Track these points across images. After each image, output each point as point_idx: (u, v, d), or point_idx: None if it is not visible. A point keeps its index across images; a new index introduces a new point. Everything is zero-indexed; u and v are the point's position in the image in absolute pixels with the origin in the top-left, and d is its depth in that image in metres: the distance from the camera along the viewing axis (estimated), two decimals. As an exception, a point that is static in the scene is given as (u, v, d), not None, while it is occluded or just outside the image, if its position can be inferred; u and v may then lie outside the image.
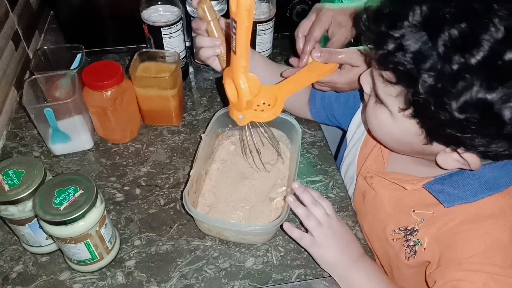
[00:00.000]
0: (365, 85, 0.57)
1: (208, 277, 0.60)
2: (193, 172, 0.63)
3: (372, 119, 0.56)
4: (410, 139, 0.52)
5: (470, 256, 0.51)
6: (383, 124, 0.54)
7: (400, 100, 0.48)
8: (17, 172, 0.55)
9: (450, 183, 0.55)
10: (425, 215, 0.58)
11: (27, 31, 0.91)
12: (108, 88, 0.69)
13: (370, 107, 0.56)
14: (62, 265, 0.61)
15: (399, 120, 0.51)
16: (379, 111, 0.54)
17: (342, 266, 0.58)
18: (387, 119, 0.53)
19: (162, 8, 0.80)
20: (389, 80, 0.48)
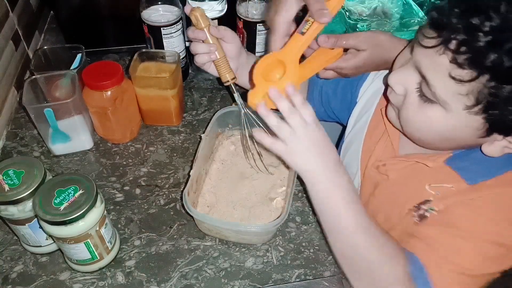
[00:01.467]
0: (396, 86, 0.54)
1: (208, 277, 0.60)
2: (193, 172, 0.63)
3: (417, 119, 0.54)
4: (465, 134, 0.50)
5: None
6: (433, 123, 0.52)
7: (469, 97, 0.46)
8: (17, 172, 0.55)
9: (472, 159, 0.54)
10: (441, 188, 0.56)
11: (27, 31, 0.91)
12: (108, 88, 0.69)
13: (414, 107, 0.53)
14: (62, 265, 0.61)
15: (457, 117, 0.49)
16: (428, 109, 0.51)
17: (317, 174, 0.53)
18: (439, 117, 0.50)
19: (162, 8, 0.80)
20: (462, 79, 0.45)
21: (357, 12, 1.13)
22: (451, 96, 0.48)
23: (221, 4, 0.81)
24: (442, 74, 0.47)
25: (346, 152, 0.75)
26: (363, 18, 1.11)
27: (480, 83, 0.44)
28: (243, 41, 0.86)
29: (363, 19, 1.11)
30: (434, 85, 0.49)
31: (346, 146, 0.75)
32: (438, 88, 0.48)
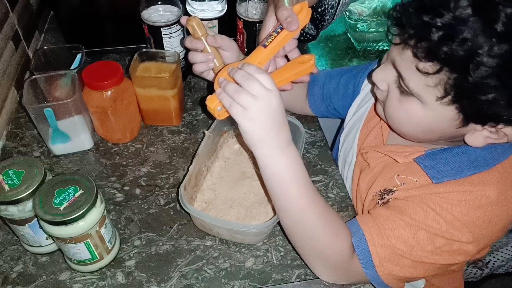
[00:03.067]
0: (380, 83, 0.58)
1: (208, 277, 0.60)
2: (192, 168, 0.64)
3: (398, 113, 0.57)
4: (443, 125, 0.53)
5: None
6: (412, 116, 0.54)
7: (438, 89, 0.49)
8: (17, 172, 0.55)
9: (440, 159, 0.57)
10: (407, 180, 0.59)
11: (27, 31, 0.91)
12: (108, 88, 0.69)
13: (393, 102, 0.56)
14: (62, 265, 0.61)
15: (433, 109, 0.51)
16: (406, 103, 0.54)
17: (270, 147, 0.52)
18: (417, 110, 0.53)
19: (162, 8, 0.80)
20: (427, 71, 0.48)
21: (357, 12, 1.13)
22: (422, 88, 0.50)
23: (221, 4, 0.81)
24: (411, 68, 0.50)
25: (345, 138, 0.77)
26: (363, 18, 1.11)
27: (444, 75, 0.47)
28: (243, 41, 0.86)
29: (363, 19, 1.11)
30: (407, 78, 0.52)
31: (346, 133, 0.77)
32: (410, 81, 0.51)
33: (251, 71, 0.51)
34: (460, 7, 0.45)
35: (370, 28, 1.07)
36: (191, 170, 0.64)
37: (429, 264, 0.54)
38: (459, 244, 0.53)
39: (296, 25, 0.55)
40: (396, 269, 0.54)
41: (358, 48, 1.09)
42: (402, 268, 0.54)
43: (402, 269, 0.54)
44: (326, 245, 0.55)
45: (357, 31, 1.08)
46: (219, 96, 0.53)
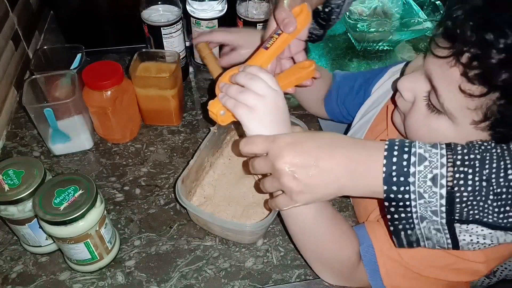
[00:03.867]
0: (405, 92, 0.53)
1: (208, 277, 0.60)
2: (192, 161, 0.64)
3: (422, 129, 0.52)
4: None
5: None
6: (438, 135, 0.50)
7: (477, 113, 0.44)
8: (17, 172, 0.55)
9: None
10: None
11: (27, 31, 0.91)
12: (108, 88, 0.69)
13: (419, 117, 0.52)
14: (62, 265, 0.61)
15: (463, 131, 0.47)
16: (434, 120, 0.49)
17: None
18: (446, 130, 0.49)
19: (162, 8, 0.80)
20: (472, 94, 0.43)
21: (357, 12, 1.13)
22: (459, 109, 0.46)
23: (221, 4, 0.81)
24: (452, 86, 0.45)
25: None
26: (363, 18, 1.11)
27: (490, 100, 0.43)
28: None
29: (363, 19, 1.11)
30: (443, 96, 0.47)
31: (351, 135, 0.75)
32: (447, 99, 0.47)
33: (254, 71, 0.50)
34: None
35: (370, 28, 1.07)
36: (191, 164, 0.64)
37: (437, 280, 0.52)
38: (470, 264, 0.49)
39: (293, 27, 0.54)
40: (402, 282, 0.52)
41: (358, 48, 1.09)
42: (408, 280, 0.52)
43: (409, 282, 0.52)
44: (333, 253, 0.54)
45: (357, 31, 1.08)
46: (222, 98, 0.51)
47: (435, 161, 0.41)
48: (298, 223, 0.53)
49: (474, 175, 0.41)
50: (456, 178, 0.41)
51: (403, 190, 0.42)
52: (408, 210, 0.43)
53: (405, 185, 0.42)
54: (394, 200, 0.43)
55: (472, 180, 0.41)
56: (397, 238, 0.46)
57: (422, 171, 0.41)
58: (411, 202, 0.42)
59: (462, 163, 0.41)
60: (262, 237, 0.65)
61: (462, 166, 0.41)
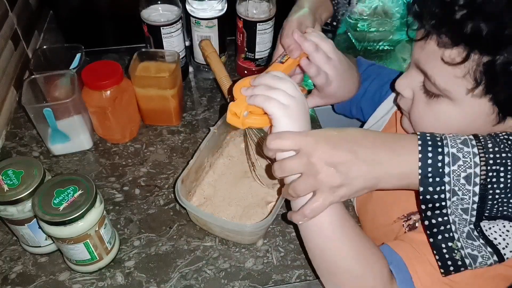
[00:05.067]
0: (404, 90, 0.54)
1: (208, 277, 0.60)
2: (192, 162, 0.64)
3: (426, 118, 0.53)
4: (479, 122, 0.49)
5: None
6: (442, 118, 0.51)
7: (468, 79, 0.45)
8: (16, 172, 0.55)
9: None
10: None
11: (27, 31, 0.91)
12: (108, 87, 0.69)
13: (420, 107, 0.53)
14: (61, 265, 0.61)
15: (464, 105, 0.48)
16: (435, 105, 0.50)
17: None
18: (448, 110, 0.49)
19: (161, 7, 0.80)
20: (454, 60, 0.45)
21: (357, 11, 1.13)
22: (450, 82, 0.47)
23: (221, 3, 0.81)
24: (436, 61, 0.47)
25: None
26: (364, 18, 1.11)
27: (473, 62, 0.44)
28: (243, 40, 0.86)
29: (364, 18, 1.11)
30: (432, 75, 0.49)
31: None
32: (438, 77, 0.48)
33: (281, 74, 0.51)
34: None
35: (371, 28, 1.07)
36: (191, 164, 0.64)
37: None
38: (507, 269, 0.48)
39: (297, 53, 0.58)
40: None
41: (359, 48, 1.09)
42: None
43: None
44: (363, 280, 0.49)
45: (357, 30, 1.08)
46: (251, 97, 0.50)
47: (468, 160, 0.43)
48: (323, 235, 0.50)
49: (506, 172, 0.42)
50: (489, 176, 0.42)
51: (439, 190, 0.43)
52: (444, 212, 0.44)
53: (441, 185, 0.43)
54: (431, 202, 0.44)
55: (504, 178, 0.42)
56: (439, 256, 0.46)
57: (456, 170, 0.43)
58: (446, 202, 0.43)
59: (495, 161, 0.42)
60: (262, 238, 0.65)
61: (494, 164, 0.42)
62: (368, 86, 0.75)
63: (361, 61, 0.78)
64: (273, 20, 0.84)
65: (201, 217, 0.60)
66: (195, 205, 0.65)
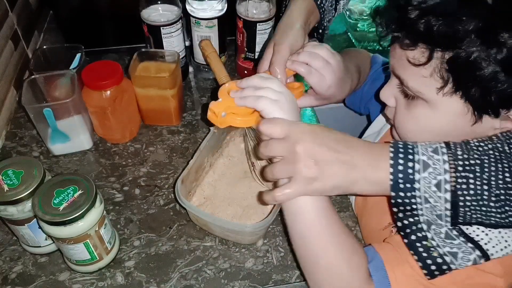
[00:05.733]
0: (388, 99, 0.56)
1: (208, 277, 0.60)
2: (192, 162, 0.64)
3: (407, 122, 0.54)
4: (457, 124, 0.49)
5: None
6: (422, 120, 0.52)
7: (435, 78, 0.46)
8: (16, 172, 0.55)
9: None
10: None
11: (27, 31, 0.91)
12: (108, 88, 0.69)
13: (402, 112, 0.54)
14: (61, 265, 0.61)
15: (440, 106, 0.49)
16: (413, 109, 0.52)
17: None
18: (425, 112, 0.51)
19: (161, 7, 0.80)
20: (419, 61, 0.46)
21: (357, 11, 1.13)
22: (420, 83, 0.48)
23: (220, 3, 0.81)
24: (404, 64, 0.49)
25: None
26: (364, 18, 1.11)
27: (437, 60, 0.45)
28: (243, 40, 0.86)
29: (364, 18, 1.11)
30: (404, 78, 0.50)
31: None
32: (409, 80, 0.50)
33: (266, 75, 0.54)
34: None
35: (371, 28, 1.07)
36: (191, 164, 0.64)
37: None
38: (489, 277, 0.47)
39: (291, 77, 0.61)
40: None
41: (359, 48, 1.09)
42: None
43: None
44: (340, 273, 0.50)
45: (357, 30, 1.08)
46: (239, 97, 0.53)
47: (438, 167, 0.43)
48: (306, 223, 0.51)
49: (475, 179, 0.42)
50: (459, 183, 0.42)
51: (410, 195, 0.44)
52: (415, 213, 0.45)
53: (411, 190, 0.44)
54: (402, 205, 0.45)
55: (473, 184, 0.42)
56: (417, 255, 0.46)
57: (426, 177, 0.43)
58: (417, 206, 0.44)
59: (464, 168, 0.43)
60: (262, 238, 0.65)
61: (463, 171, 0.43)
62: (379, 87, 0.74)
63: (377, 58, 0.79)
64: (273, 20, 0.84)
65: (201, 217, 0.60)
66: (195, 205, 0.65)
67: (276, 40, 0.61)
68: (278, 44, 0.60)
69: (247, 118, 0.55)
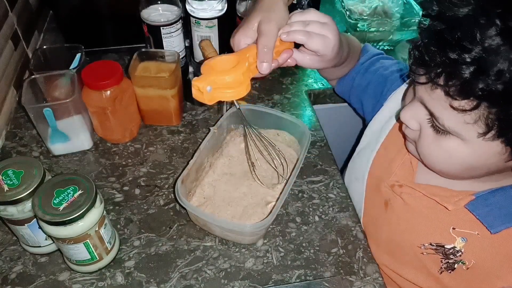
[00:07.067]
0: (410, 122, 0.54)
1: (207, 277, 0.60)
2: (192, 162, 0.64)
3: (436, 153, 0.52)
4: (490, 161, 0.49)
5: None
6: (453, 155, 0.50)
7: (479, 124, 0.45)
8: (16, 172, 0.55)
9: (495, 204, 0.53)
10: (467, 234, 0.55)
11: (27, 31, 0.91)
12: (108, 87, 0.69)
13: (429, 141, 0.52)
14: (61, 265, 0.61)
15: (476, 145, 0.47)
16: (445, 142, 0.50)
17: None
18: (458, 148, 0.49)
19: (161, 7, 0.80)
20: (465, 109, 0.44)
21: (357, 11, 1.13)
22: (461, 126, 0.46)
23: (220, 3, 0.81)
24: (444, 106, 0.46)
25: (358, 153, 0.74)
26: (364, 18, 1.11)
27: (484, 110, 0.43)
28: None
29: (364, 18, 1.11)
30: (440, 117, 0.48)
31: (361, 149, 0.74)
32: (446, 119, 0.47)
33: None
34: (488, 37, 0.40)
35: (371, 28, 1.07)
36: (191, 164, 0.64)
37: None
38: None
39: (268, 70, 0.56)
40: None
41: (358, 48, 1.09)
42: None
43: None
44: None
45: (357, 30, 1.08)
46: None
47: None
48: None
49: None
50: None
51: None
52: None
53: None
54: None
55: None
56: None
57: None
58: None
59: None
60: (262, 238, 0.65)
61: None
62: (371, 78, 0.73)
63: (368, 47, 0.77)
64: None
65: (201, 217, 0.60)
66: (195, 205, 0.65)
67: (263, 19, 0.56)
68: (266, 23, 0.55)
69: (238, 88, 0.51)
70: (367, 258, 0.62)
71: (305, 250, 0.63)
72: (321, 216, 0.68)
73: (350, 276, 0.60)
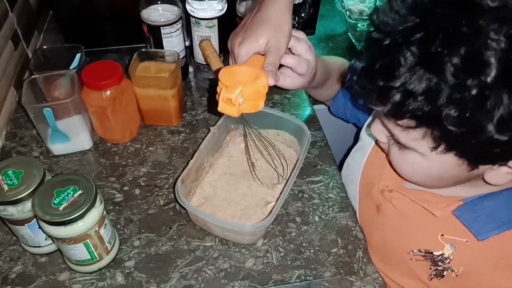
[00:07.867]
0: (380, 136, 0.56)
1: (208, 277, 0.60)
2: (192, 162, 0.64)
3: (403, 166, 0.54)
4: (452, 172, 0.49)
5: None
6: (417, 168, 0.52)
7: (428, 140, 0.46)
8: (16, 172, 0.55)
9: (482, 210, 0.53)
10: (456, 241, 0.55)
11: (27, 31, 0.91)
12: (108, 88, 0.69)
13: (396, 155, 0.54)
14: (61, 265, 0.61)
15: (433, 158, 0.48)
16: (407, 156, 0.51)
17: None
18: (419, 161, 0.50)
19: (161, 7, 0.80)
20: (409, 126, 0.46)
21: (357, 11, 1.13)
22: (412, 142, 0.48)
23: (220, 3, 0.81)
24: (394, 124, 0.48)
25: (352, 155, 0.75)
26: (364, 18, 1.11)
27: (426, 127, 0.45)
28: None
29: (364, 18, 1.10)
30: (395, 134, 0.50)
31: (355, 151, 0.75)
32: (400, 136, 0.50)
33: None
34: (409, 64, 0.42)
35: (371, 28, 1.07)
36: (191, 164, 0.64)
37: None
38: None
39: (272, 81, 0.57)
40: None
41: (359, 48, 1.09)
42: None
43: None
44: None
45: (357, 30, 1.08)
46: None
47: None
48: None
49: None
50: None
51: None
52: None
53: None
54: None
55: None
56: None
57: None
58: None
59: None
60: (262, 238, 0.65)
61: None
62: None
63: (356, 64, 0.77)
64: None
65: (201, 217, 0.60)
66: (195, 205, 0.65)
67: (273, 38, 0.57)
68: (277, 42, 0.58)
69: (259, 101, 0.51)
70: (367, 258, 0.63)
71: (305, 250, 0.63)
72: (321, 216, 0.68)
73: (350, 276, 0.60)
